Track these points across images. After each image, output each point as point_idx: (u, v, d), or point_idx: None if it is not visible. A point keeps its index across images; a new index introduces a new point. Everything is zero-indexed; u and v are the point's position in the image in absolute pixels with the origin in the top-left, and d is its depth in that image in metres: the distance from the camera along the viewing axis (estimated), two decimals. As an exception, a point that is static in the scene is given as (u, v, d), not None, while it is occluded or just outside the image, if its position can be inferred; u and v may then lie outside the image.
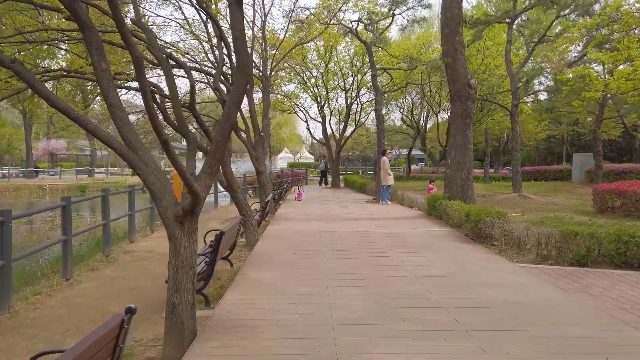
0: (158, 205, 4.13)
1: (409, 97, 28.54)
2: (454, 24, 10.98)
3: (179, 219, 4.09)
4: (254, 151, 13.64)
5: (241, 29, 3.95)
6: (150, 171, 4.10)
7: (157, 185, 4.10)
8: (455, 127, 11.57)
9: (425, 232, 10.07)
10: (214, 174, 4.17)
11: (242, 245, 9.37)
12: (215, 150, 4.09)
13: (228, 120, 4.05)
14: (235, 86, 4.06)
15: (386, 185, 16.58)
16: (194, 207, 4.01)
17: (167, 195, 4.13)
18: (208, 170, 4.15)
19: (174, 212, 4.08)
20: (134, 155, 4.04)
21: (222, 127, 4.07)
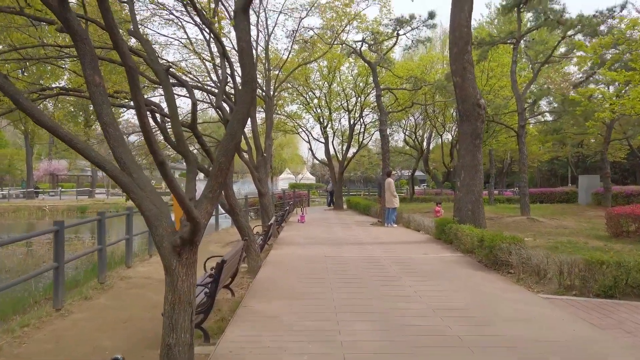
0: (154, 234, 3.72)
1: (412, 117, 28.32)
2: (463, 43, 10.72)
3: (176, 249, 3.68)
4: (256, 172, 13.28)
5: (247, 40, 3.61)
6: (146, 195, 3.71)
7: (153, 211, 3.70)
8: (464, 148, 11.21)
9: (436, 258, 9.61)
10: (216, 198, 3.77)
11: (244, 272, 8.92)
12: (217, 172, 3.70)
13: (232, 139, 3.67)
14: (240, 102, 3.70)
15: (392, 207, 16.15)
16: (193, 235, 3.60)
17: (164, 222, 3.73)
18: (210, 194, 3.75)
19: (171, 242, 3.66)
20: (127, 178, 3.65)
21: (225, 147, 3.69)
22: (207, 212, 3.76)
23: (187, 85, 7.32)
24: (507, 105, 20.37)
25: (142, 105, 3.07)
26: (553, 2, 18.39)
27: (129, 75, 3.09)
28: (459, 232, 10.37)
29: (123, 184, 3.61)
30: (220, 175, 3.71)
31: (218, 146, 3.87)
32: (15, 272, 12.95)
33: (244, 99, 3.68)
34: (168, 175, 3.22)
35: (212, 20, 8.40)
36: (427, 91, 22.14)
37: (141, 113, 3.05)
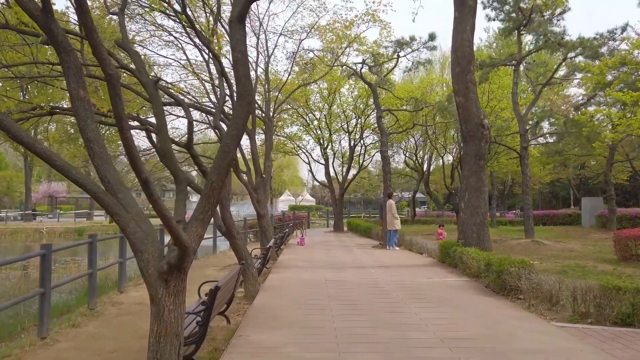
0: (138, 259, 3.41)
1: (412, 139, 28.18)
2: (465, 62, 10.57)
3: (163, 275, 3.36)
4: (255, 194, 13.00)
5: (243, 50, 3.37)
6: (131, 217, 3.41)
7: (139, 235, 3.39)
8: (468, 169, 10.95)
9: (441, 282, 9.24)
10: (208, 220, 3.47)
11: (240, 297, 8.53)
12: (209, 192, 3.41)
13: (226, 157, 3.39)
14: (235, 117, 3.44)
15: (393, 229, 15.80)
16: (181, 261, 3.29)
17: (150, 246, 3.42)
18: (201, 216, 3.45)
19: (158, 268, 3.35)
20: (111, 199, 3.36)
21: (218, 165, 3.41)
22: (197, 235, 3.45)
23: (184, 104, 7.11)
24: (509, 127, 20.21)
25: (123, 117, 2.81)
26: (553, 24, 18.44)
27: (109, 84, 2.84)
28: (465, 255, 10.02)
29: (106, 205, 3.31)
30: (212, 195, 3.42)
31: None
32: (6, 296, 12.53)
33: (238, 113, 3.42)
34: (153, 195, 2.93)
35: (210, 39, 8.23)
36: (428, 113, 22.02)
37: (122, 126, 2.78)
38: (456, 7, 10.69)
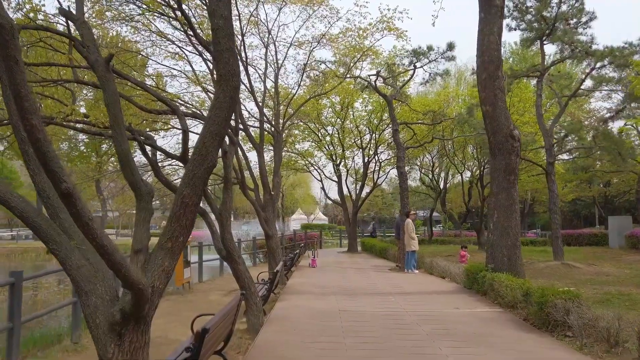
0: (83, 304, 2.47)
1: (428, 155, 27.13)
2: (493, 68, 9.61)
3: (115, 327, 2.40)
4: (263, 212, 12.06)
5: (226, 15, 2.46)
6: (74, 246, 2.47)
7: (84, 271, 2.46)
8: (497, 186, 9.89)
9: (470, 314, 8.12)
10: (178, 250, 2.52)
11: (243, 330, 7.53)
12: (180, 210, 2.48)
13: (203, 162, 2.48)
14: (216, 107, 2.53)
15: (410, 250, 14.69)
16: (138, 308, 2.33)
17: (100, 286, 2.47)
18: (168, 244, 2.52)
19: (108, 317, 2.39)
20: (45, 221, 2.42)
21: (192, 174, 2.48)
22: (163, 270, 2.50)
23: (178, 111, 6.24)
24: (534, 141, 19.11)
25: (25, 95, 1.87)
26: (578, 34, 17.46)
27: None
28: (496, 282, 8.89)
29: (37, 229, 2.38)
30: (185, 215, 2.49)
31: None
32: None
33: (220, 102, 2.51)
34: (82, 215, 2.00)
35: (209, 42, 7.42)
36: (446, 127, 21.01)
37: (23, 107, 1.85)
38: (481, 7, 9.79)
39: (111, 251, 2.08)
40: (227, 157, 7.27)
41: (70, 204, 1.97)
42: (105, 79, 2.65)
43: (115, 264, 2.12)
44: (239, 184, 12.00)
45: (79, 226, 2.08)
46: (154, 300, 2.49)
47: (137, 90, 11.31)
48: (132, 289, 2.24)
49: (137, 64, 14.16)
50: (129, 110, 11.32)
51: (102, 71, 2.69)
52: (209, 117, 2.62)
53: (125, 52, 11.85)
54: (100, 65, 2.71)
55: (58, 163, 1.94)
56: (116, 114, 2.58)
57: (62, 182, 1.95)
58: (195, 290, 13.40)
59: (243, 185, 11.60)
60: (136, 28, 12.62)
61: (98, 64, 2.73)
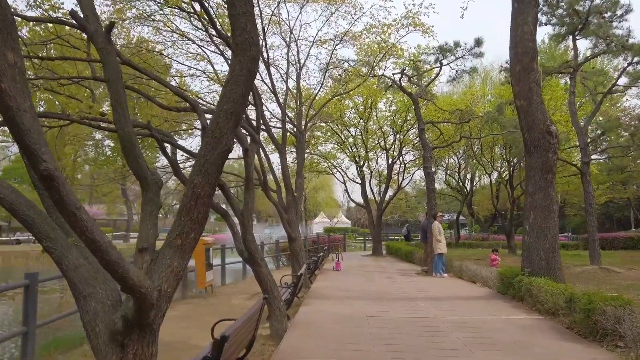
0: (82, 310, 2.14)
1: (455, 156, 26.41)
2: (528, 60, 9.07)
3: (116, 337, 2.07)
4: (285, 214, 11.74)
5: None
6: (72, 244, 2.15)
7: (82, 271, 2.15)
8: (533, 185, 9.32)
9: (507, 321, 7.59)
10: (190, 248, 2.18)
11: (265, 336, 7.18)
12: (191, 202, 2.15)
13: (217, 146, 2.13)
14: (232, 82, 2.19)
15: (438, 253, 14.14)
16: (141, 315, 1.99)
17: (100, 289, 2.14)
18: (178, 241, 2.19)
19: (108, 325, 2.06)
20: (38, 214, 2.11)
21: (204, 159, 2.13)
22: (172, 271, 2.16)
23: (197, 107, 5.95)
24: (567, 139, 18.31)
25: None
26: (614, 27, 16.66)
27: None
28: (534, 287, 8.34)
29: (30, 224, 2.07)
30: (195, 207, 2.15)
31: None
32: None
33: (237, 76, 2.17)
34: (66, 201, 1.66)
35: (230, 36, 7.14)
36: (473, 127, 20.35)
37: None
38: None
39: (105, 248, 1.75)
40: (249, 156, 6.95)
41: (51, 188, 1.63)
42: (106, 51, 2.35)
43: (110, 264, 1.78)
44: (261, 185, 11.71)
45: (65, 217, 1.74)
46: (162, 306, 2.15)
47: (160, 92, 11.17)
48: (132, 293, 1.92)
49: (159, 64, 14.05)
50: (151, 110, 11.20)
51: (102, 42, 2.39)
52: (223, 94, 2.27)
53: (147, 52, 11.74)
54: (100, 35, 2.41)
55: (36, 138, 1.61)
56: (118, 92, 2.28)
57: (40, 161, 1.61)
58: (218, 293, 13.15)
59: (265, 187, 11.30)
60: (157, 29, 12.51)
61: (98, 35, 2.42)
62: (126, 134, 2.28)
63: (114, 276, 1.85)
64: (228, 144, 2.23)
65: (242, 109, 2.34)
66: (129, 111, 2.87)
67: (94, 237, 1.75)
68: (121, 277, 1.83)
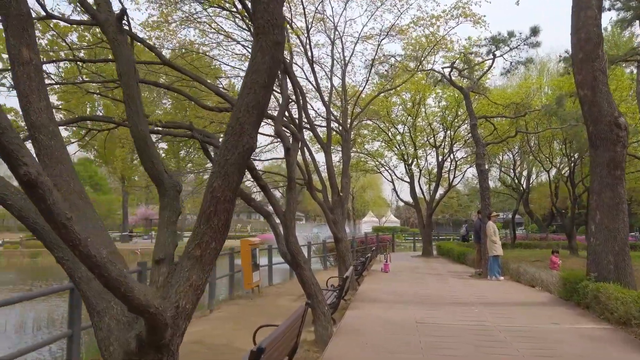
0: (96, 327, 1.95)
1: (509, 153, 25.17)
2: (591, 46, 8.31)
3: (131, 358, 1.86)
4: (331, 214, 11.47)
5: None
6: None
7: (96, 285, 1.96)
8: (598, 182, 8.54)
9: (573, 330, 6.95)
10: (211, 259, 1.94)
11: (310, 342, 6.94)
12: (209, 207, 1.90)
13: (237, 144, 1.89)
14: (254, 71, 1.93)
15: (493, 255, 13.41)
16: (154, 336, 1.77)
17: (116, 304, 1.94)
18: (197, 251, 1.95)
19: (123, 344, 1.85)
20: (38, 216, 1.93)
21: (223, 159, 1.88)
22: (190, 285, 1.94)
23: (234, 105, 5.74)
24: (636, 132, 16.95)
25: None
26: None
27: None
28: (602, 293, 7.63)
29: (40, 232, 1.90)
30: (215, 213, 1.92)
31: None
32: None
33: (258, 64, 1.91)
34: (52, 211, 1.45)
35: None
36: (529, 121, 19.24)
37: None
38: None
39: (102, 263, 1.53)
40: (291, 155, 6.73)
41: (36, 197, 1.41)
42: (117, 42, 2.18)
43: (110, 281, 1.57)
44: (305, 185, 11.51)
45: (54, 229, 1.53)
46: (180, 325, 1.93)
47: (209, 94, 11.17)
48: (140, 313, 1.71)
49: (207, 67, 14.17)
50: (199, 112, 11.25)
51: (113, 32, 2.23)
52: (244, 85, 2.03)
53: (191, 52, 11.83)
54: (111, 25, 2.23)
55: (13, 138, 1.41)
56: (130, 87, 2.09)
57: (20, 164, 1.41)
58: (265, 294, 13.07)
59: (310, 186, 11.09)
60: (203, 31, 12.60)
61: (108, 24, 2.25)
62: (140, 132, 2.08)
63: (116, 295, 1.64)
64: (250, 142, 1.97)
65: (266, 101, 2.08)
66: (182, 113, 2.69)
67: (89, 252, 1.54)
68: (124, 296, 1.61)
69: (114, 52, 2.25)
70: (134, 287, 1.63)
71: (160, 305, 1.74)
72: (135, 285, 1.64)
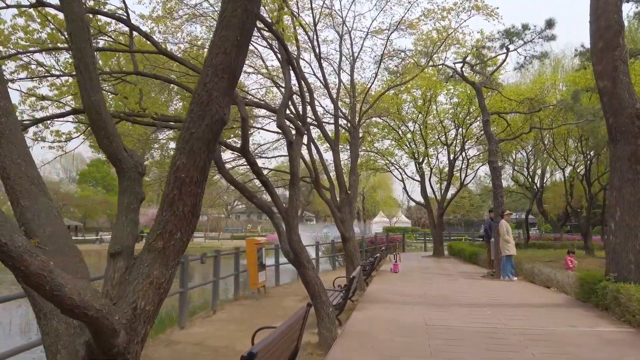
0: (42, 332, 1.67)
1: (522, 151, 24.61)
2: (611, 34, 7.90)
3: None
4: (339, 213, 11.17)
5: None
6: (35, 245, 1.68)
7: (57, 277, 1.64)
8: (619, 177, 8.13)
9: (592, 334, 6.56)
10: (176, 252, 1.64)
11: (313, 345, 6.64)
12: (172, 191, 1.59)
13: (203, 114, 1.57)
14: (221, 25, 1.63)
15: (506, 255, 12.99)
16: (101, 343, 1.48)
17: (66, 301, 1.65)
18: (158, 243, 1.65)
19: (72, 352, 1.57)
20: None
21: (187, 133, 1.59)
22: (151, 283, 1.64)
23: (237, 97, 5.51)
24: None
25: None
26: None
27: None
28: (623, 295, 7.22)
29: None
30: (180, 197, 1.61)
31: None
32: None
33: (226, 16, 1.64)
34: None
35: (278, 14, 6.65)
36: (543, 118, 18.72)
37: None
38: (596, -38, 8.12)
39: (17, 254, 1.24)
40: (293, 149, 6.44)
41: None
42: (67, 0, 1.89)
43: (31, 277, 1.27)
44: (312, 182, 11.23)
45: None
46: (138, 330, 1.64)
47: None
48: (77, 317, 1.41)
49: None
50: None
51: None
52: (212, 44, 1.74)
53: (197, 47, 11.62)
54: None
55: None
56: (82, 51, 1.82)
57: None
58: (271, 294, 12.79)
59: (317, 184, 10.80)
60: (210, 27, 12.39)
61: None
62: (92, 103, 1.80)
63: (42, 294, 1.35)
64: (220, 112, 1.67)
65: (238, 64, 1.78)
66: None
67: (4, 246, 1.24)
68: (52, 295, 1.31)
69: (65, 13, 1.97)
70: (65, 284, 1.34)
71: (105, 306, 1.45)
72: (67, 282, 1.35)
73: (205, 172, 1.74)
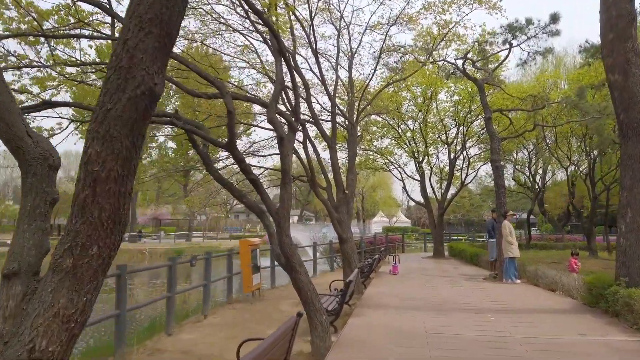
0: None
1: (524, 150, 24.19)
2: (624, 24, 7.48)
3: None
4: (336, 213, 10.75)
5: None
6: None
7: None
8: (631, 176, 7.71)
9: (604, 343, 6.14)
10: (89, 272, 1.21)
11: (306, 355, 6.22)
12: (84, 191, 1.16)
13: (124, 84, 1.13)
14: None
15: (509, 257, 12.57)
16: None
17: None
18: (67, 261, 1.20)
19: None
20: None
21: (103, 110, 1.16)
22: (56, 315, 1.19)
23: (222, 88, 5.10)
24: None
25: None
26: None
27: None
28: (636, 300, 6.80)
29: None
30: (94, 199, 1.17)
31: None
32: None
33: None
34: None
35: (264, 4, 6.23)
36: (546, 115, 18.30)
37: None
38: (606, -52, 7.69)
39: None
40: (284, 146, 6.02)
41: None
42: None
43: None
44: (308, 181, 10.80)
45: None
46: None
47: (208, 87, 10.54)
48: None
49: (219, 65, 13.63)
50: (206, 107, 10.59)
51: None
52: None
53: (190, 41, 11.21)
54: None
55: None
56: None
57: None
58: (266, 297, 12.37)
59: (313, 183, 10.37)
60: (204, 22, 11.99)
61: None
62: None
63: None
64: (148, 80, 1.21)
65: (174, 14, 1.33)
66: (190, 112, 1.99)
67: None
68: None
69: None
70: None
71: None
72: None
73: (130, 164, 1.30)
